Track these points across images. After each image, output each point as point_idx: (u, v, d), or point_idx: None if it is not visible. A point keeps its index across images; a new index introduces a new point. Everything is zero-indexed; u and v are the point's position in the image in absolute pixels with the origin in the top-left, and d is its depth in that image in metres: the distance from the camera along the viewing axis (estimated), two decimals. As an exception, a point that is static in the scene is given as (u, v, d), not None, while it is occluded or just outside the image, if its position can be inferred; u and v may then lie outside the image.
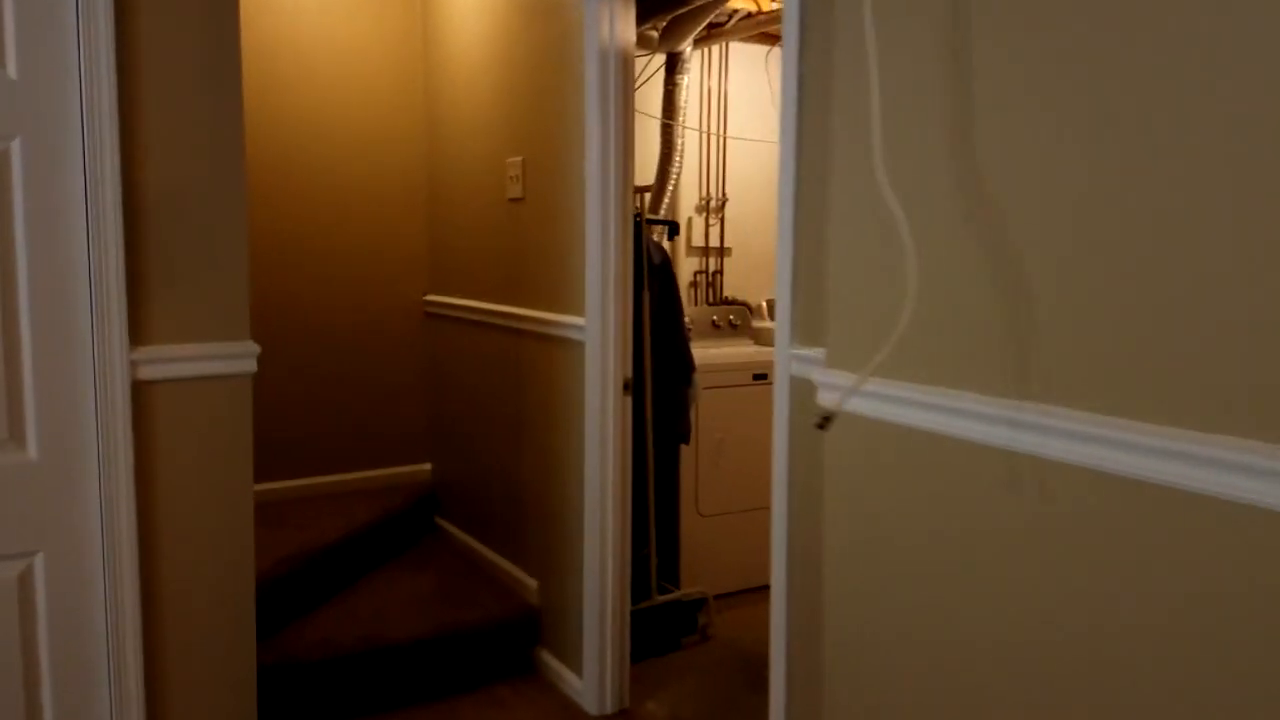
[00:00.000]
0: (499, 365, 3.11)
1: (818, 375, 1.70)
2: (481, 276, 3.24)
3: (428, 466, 3.76)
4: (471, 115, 3.25)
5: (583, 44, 2.52)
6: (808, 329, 1.81)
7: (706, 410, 3.28)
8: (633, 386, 2.62)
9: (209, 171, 1.81)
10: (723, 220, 4.00)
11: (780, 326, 1.87)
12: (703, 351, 3.45)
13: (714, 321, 3.78)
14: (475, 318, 3.25)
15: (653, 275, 2.97)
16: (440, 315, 3.56)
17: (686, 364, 3.10)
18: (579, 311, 2.62)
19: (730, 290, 4.05)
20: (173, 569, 1.84)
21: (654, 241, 3.09)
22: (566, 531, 2.75)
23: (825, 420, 1.57)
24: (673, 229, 3.16)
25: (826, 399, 1.67)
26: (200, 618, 1.88)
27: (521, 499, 3.01)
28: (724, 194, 4.00)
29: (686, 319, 3.39)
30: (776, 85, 4.19)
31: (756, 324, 3.93)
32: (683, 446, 3.23)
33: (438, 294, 3.60)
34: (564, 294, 2.72)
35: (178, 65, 1.77)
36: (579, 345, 2.61)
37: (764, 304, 3.99)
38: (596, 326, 2.53)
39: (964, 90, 1.38)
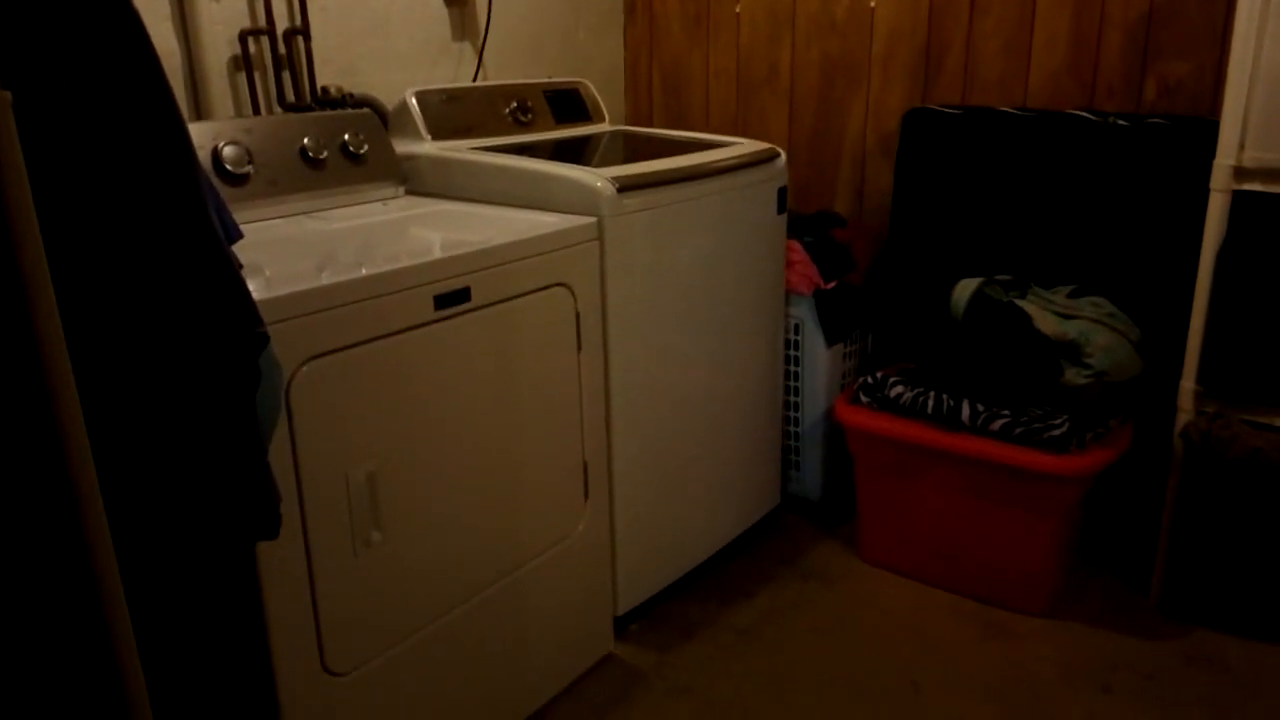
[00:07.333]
0: None
1: None
2: None
3: None
4: None
5: None
6: None
7: (322, 414, 1.19)
8: None
9: None
10: (293, -98, 1.71)
11: None
12: (287, 252, 1.33)
13: (305, 151, 1.59)
14: None
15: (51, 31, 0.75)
16: None
17: (241, 315, 0.97)
18: None
19: (333, 73, 1.84)
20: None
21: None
22: None
23: None
24: None
25: None
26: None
27: None
28: None
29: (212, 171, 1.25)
30: None
31: (409, 148, 1.79)
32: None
33: None
34: None
35: None
36: None
37: (411, 100, 1.83)
38: None
39: None
